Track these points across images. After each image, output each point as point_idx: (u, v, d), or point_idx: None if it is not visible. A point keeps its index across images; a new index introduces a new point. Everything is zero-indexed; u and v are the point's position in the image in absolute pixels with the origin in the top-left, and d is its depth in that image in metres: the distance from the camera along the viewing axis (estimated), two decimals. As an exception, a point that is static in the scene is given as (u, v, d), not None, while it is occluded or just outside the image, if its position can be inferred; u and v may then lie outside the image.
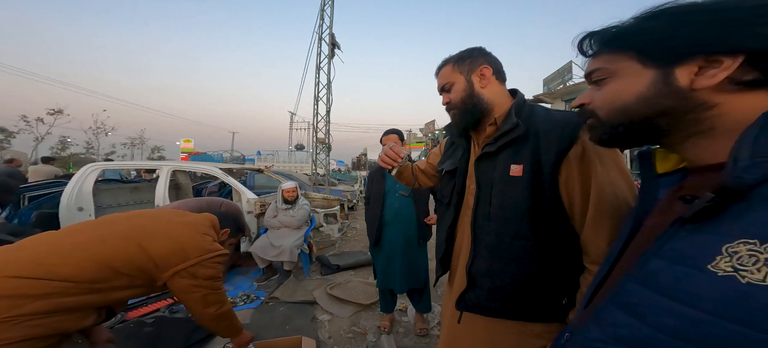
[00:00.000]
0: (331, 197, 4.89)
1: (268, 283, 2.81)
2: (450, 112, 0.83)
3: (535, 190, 0.68)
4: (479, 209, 0.76)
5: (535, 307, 0.72)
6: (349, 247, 4.10)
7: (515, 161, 0.70)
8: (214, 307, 1.17)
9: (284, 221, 3.08)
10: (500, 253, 0.72)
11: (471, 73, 0.78)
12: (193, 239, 1.14)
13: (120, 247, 1.02)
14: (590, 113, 0.46)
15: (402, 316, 2.27)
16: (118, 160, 13.29)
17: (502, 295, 0.73)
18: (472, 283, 0.77)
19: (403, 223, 1.91)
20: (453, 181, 0.87)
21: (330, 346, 1.87)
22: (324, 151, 8.86)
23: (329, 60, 8.56)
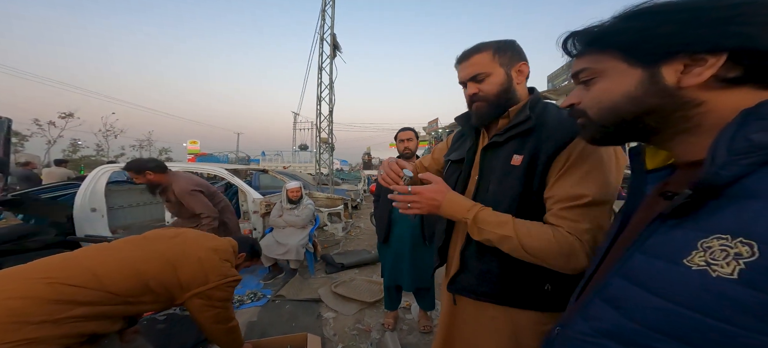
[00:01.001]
0: (334, 197, 4.93)
1: (274, 281, 2.86)
2: (474, 104, 0.78)
3: (528, 178, 0.70)
4: (477, 197, 0.77)
5: (520, 293, 0.74)
6: (353, 245, 4.13)
7: (518, 152, 0.72)
8: (223, 324, 1.31)
9: (289, 221, 3.12)
10: None
11: (511, 67, 0.76)
12: (215, 265, 1.26)
13: (158, 267, 1.15)
14: (581, 113, 0.47)
15: (406, 313, 2.30)
16: (127, 162, 13.47)
17: (490, 278, 0.76)
18: (464, 266, 0.80)
19: (411, 221, 1.93)
20: (458, 171, 0.87)
21: (334, 343, 1.90)
22: (327, 151, 8.91)
23: (331, 60, 8.59)
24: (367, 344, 1.88)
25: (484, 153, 0.79)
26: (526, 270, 0.70)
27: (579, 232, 0.63)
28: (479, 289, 0.78)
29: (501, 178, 0.74)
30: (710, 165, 0.31)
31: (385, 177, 0.88)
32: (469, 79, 0.78)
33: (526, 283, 0.73)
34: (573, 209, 0.64)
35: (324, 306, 2.37)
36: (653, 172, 0.46)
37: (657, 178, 0.45)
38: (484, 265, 0.76)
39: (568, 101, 0.50)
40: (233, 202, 5.34)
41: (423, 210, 0.75)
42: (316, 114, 8.94)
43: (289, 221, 3.12)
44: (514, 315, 0.75)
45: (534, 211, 0.70)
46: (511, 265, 0.72)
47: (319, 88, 8.93)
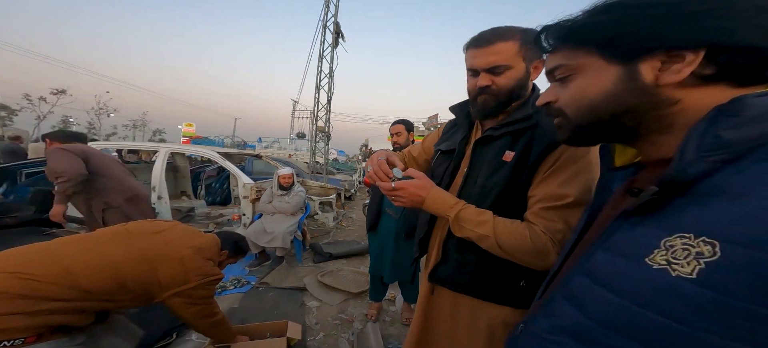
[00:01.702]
0: (328, 186, 4.90)
1: (260, 268, 2.84)
2: (481, 96, 0.72)
3: (516, 175, 0.69)
4: (464, 189, 0.77)
5: (496, 287, 0.74)
6: (344, 235, 4.12)
7: (511, 148, 0.71)
8: (206, 319, 1.30)
9: (279, 207, 3.09)
10: None
11: (531, 63, 0.70)
12: (197, 264, 1.23)
13: (137, 268, 1.12)
14: (558, 111, 0.44)
15: (390, 305, 2.30)
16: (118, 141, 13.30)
17: (468, 271, 0.76)
18: (445, 257, 0.80)
19: (398, 212, 1.91)
20: (448, 162, 0.85)
21: (316, 331, 1.89)
22: (323, 140, 8.84)
23: (333, 49, 8.45)
24: (349, 334, 1.88)
25: (476, 146, 0.77)
26: (502, 265, 0.70)
27: (552, 231, 0.64)
28: (457, 280, 0.78)
29: (490, 172, 0.72)
30: (678, 161, 0.30)
31: (371, 174, 0.83)
32: (486, 69, 0.70)
33: (501, 279, 0.73)
34: (553, 210, 0.64)
35: (308, 295, 2.36)
36: (621, 169, 0.45)
37: (624, 176, 0.43)
38: (463, 257, 0.76)
39: (543, 99, 0.47)
40: (225, 187, 5.33)
41: (406, 204, 0.75)
42: (314, 102, 8.83)
43: (279, 208, 3.09)
44: (490, 309, 0.75)
45: (517, 207, 0.70)
46: (488, 260, 0.71)
47: (318, 76, 8.80)
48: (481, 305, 0.76)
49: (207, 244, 1.32)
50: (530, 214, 0.67)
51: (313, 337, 1.83)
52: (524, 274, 0.70)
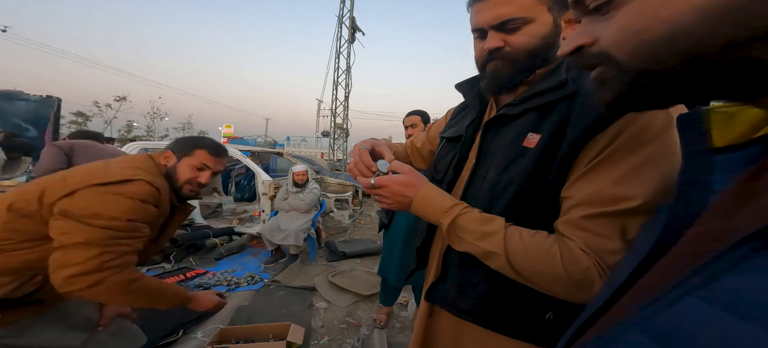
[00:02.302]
0: (346, 183, 4.84)
1: (274, 265, 2.83)
2: (491, 63, 0.55)
3: (541, 166, 0.50)
4: (471, 186, 0.59)
5: (511, 317, 0.55)
6: (360, 234, 4.03)
7: (536, 129, 0.52)
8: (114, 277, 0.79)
9: (293, 204, 3.07)
10: None
11: (562, 15, 0.53)
12: (86, 167, 0.87)
13: (27, 187, 0.83)
14: (598, 57, 0.27)
15: (402, 310, 2.15)
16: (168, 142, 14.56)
17: (474, 293, 0.57)
18: (444, 274, 0.63)
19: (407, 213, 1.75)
20: (453, 151, 0.68)
21: (321, 335, 1.80)
22: (342, 137, 8.87)
23: (349, 44, 8.43)
24: (354, 340, 1.76)
25: (488, 128, 0.58)
26: (522, 290, 0.51)
27: (600, 251, 0.43)
28: (459, 304, 0.60)
29: (506, 163, 0.54)
30: None
31: (352, 167, 0.68)
32: (494, 26, 0.52)
33: (520, 307, 0.54)
34: (602, 218, 0.44)
35: (318, 295, 2.28)
36: (727, 151, 0.25)
37: (736, 164, 0.24)
38: (467, 276, 0.58)
39: (571, 44, 0.29)
40: (252, 184, 5.51)
41: (392, 206, 0.61)
42: (332, 99, 8.90)
43: (293, 205, 3.06)
44: (502, 344, 0.56)
45: (543, 213, 0.51)
46: (501, 280, 0.53)
47: (336, 72, 8.88)
48: (490, 337, 0.58)
49: (123, 157, 0.98)
50: (564, 223, 0.47)
51: (317, 341, 1.74)
52: (553, 304, 0.51)
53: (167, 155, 1.00)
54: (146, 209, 0.87)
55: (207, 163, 1.01)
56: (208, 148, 1.02)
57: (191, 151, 1.00)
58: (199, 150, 1.01)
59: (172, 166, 0.99)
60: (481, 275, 0.56)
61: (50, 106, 5.10)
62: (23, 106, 4.84)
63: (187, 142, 1.02)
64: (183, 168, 0.99)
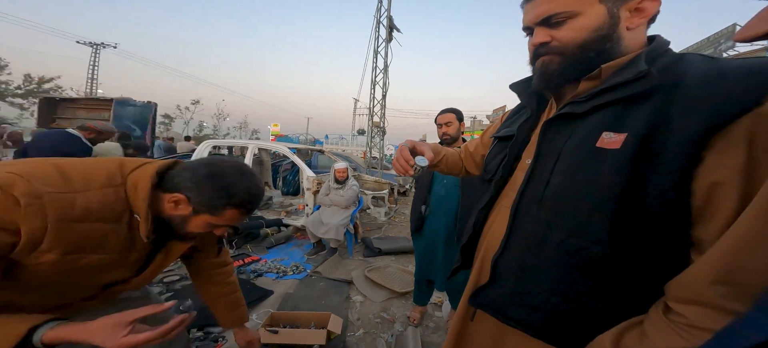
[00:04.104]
0: (382, 180, 4.90)
1: (316, 257, 2.99)
2: (542, 59, 0.53)
3: (637, 172, 0.42)
4: (528, 189, 0.55)
5: (575, 336, 0.50)
6: (395, 232, 4.06)
7: (614, 128, 0.45)
8: None
9: (334, 200, 3.20)
10: (542, 250, 0.51)
11: (622, 4, 0.48)
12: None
13: None
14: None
15: (436, 310, 2.13)
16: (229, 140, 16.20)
17: (529, 303, 0.53)
18: (494, 279, 0.59)
19: (447, 213, 1.70)
20: (504, 151, 0.66)
21: (357, 327, 1.86)
22: (378, 135, 8.95)
23: (386, 44, 8.44)
24: (388, 335, 1.79)
25: (548, 128, 0.54)
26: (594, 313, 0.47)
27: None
28: (510, 312, 0.56)
29: (575, 165, 0.48)
30: None
31: (394, 163, 0.74)
32: (539, 22, 0.52)
33: (587, 329, 0.48)
34: None
35: (354, 288, 2.36)
36: None
37: None
38: (524, 285, 0.54)
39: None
40: (296, 179, 5.87)
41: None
42: (370, 98, 9.01)
43: (334, 200, 3.20)
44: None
45: (646, 231, 0.43)
46: (570, 299, 0.48)
47: (373, 72, 8.96)
48: (535, 345, 0.54)
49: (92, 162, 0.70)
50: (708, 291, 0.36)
51: (353, 333, 1.80)
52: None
53: (178, 200, 0.68)
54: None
55: (233, 225, 0.76)
56: (241, 206, 0.72)
57: (221, 210, 0.70)
58: (231, 210, 0.71)
59: (179, 216, 0.70)
60: (545, 288, 0.51)
61: (149, 110, 6.10)
62: (131, 110, 5.85)
63: (216, 195, 0.69)
64: (196, 223, 0.71)
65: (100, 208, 0.63)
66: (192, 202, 0.68)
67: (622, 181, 0.43)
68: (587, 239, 0.46)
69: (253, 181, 0.75)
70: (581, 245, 0.47)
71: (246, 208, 0.74)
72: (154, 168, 0.69)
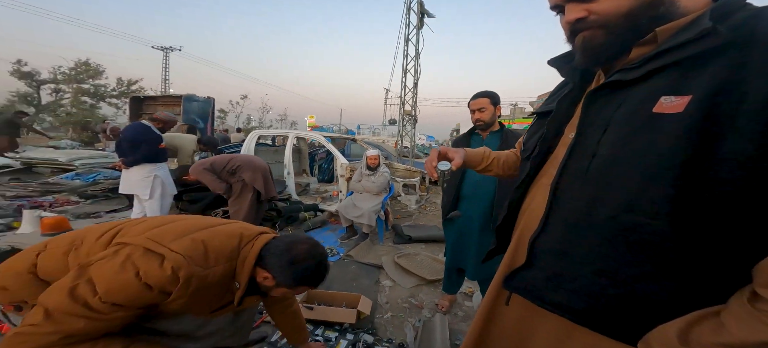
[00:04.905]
0: (413, 169, 4.85)
1: (348, 241, 3.10)
2: (583, 34, 0.49)
3: (705, 138, 0.37)
4: (571, 163, 0.51)
5: (625, 325, 0.45)
6: (425, 220, 4.02)
7: (674, 91, 0.40)
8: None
9: (366, 186, 3.26)
10: (587, 228, 0.47)
11: None
12: (185, 223, 0.85)
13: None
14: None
15: (466, 300, 2.09)
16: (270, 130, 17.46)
17: (571, 287, 0.49)
18: (532, 261, 0.55)
19: (483, 199, 1.61)
20: (542, 128, 0.62)
21: (385, 310, 1.91)
22: (410, 124, 8.80)
23: (417, 30, 8.13)
24: (416, 320, 1.81)
25: (593, 98, 0.50)
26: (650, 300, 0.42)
27: None
28: (548, 295, 0.52)
29: (627, 134, 0.43)
30: None
31: (425, 164, 0.82)
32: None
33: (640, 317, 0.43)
34: None
35: (384, 273, 2.41)
36: None
37: None
38: (564, 266, 0.50)
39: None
40: (331, 167, 6.10)
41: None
42: (401, 86, 8.83)
43: (366, 187, 3.26)
44: (598, 343, 0.48)
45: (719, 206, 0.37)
46: (620, 281, 0.44)
47: (405, 59, 8.72)
48: (582, 334, 0.49)
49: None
50: None
51: (381, 315, 1.85)
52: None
53: (266, 277, 0.85)
54: (144, 295, 0.68)
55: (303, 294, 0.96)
56: (312, 285, 0.91)
57: (295, 286, 0.87)
58: (302, 287, 0.90)
59: (266, 286, 0.88)
60: (588, 271, 0.47)
61: (209, 104, 6.92)
62: (195, 105, 6.72)
63: (294, 278, 0.84)
64: (278, 291, 0.90)
65: (219, 281, 0.81)
66: (276, 280, 0.86)
67: (685, 148, 0.38)
68: (642, 214, 0.41)
69: (324, 261, 0.92)
70: (635, 221, 0.42)
71: (315, 282, 0.91)
72: (259, 248, 0.87)
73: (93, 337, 0.66)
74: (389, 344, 1.53)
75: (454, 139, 9.06)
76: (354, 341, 1.48)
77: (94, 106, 16.68)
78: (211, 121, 6.96)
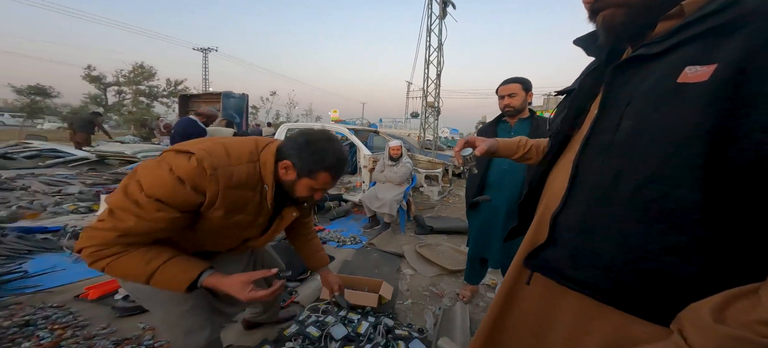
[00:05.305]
0: (435, 160, 4.79)
1: (371, 230, 3.16)
2: (602, 14, 0.49)
3: (733, 106, 0.36)
4: (593, 138, 0.50)
5: (653, 302, 0.43)
6: (448, 212, 3.98)
7: (699, 61, 0.39)
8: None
9: (388, 176, 3.29)
10: (611, 202, 0.46)
11: None
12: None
13: None
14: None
15: (488, 291, 2.06)
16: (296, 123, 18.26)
17: (595, 263, 0.48)
18: (553, 238, 0.54)
19: (509, 188, 1.56)
20: (565, 104, 0.63)
21: (406, 297, 1.94)
22: (433, 115, 8.61)
23: (440, 20, 7.85)
24: (436, 308, 1.82)
25: (618, 73, 0.48)
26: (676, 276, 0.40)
27: None
28: (570, 273, 0.51)
29: (652, 105, 0.42)
30: None
31: (454, 151, 0.85)
32: None
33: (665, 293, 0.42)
34: None
35: (405, 262, 2.44)
36: None
37: None
38: (586, 242, 0.49)
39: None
40: (353, 160, 6.22)
41: None
42: (424, 78, 8.62)
43: (388, 177, 3.29)
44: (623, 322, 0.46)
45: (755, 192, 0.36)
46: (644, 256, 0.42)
47: (427, 50, 8.49)
48: (600, 310, 0.48)
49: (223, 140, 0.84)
50: None
51: (402, 302, 1.88)
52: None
53: (287, 166, 0.84)
54: (179, 191, 0.71)
55: (326, 187, 0.88)
56: (331, 170, 0.85)
57: (315, 174, 0.84)
58: (322, 173, 0.84)
59: (290, 181, 0.86)
60: (611, 245, 0.46)
61: (244, 100, 7.44)
62: (233, 101, 7.29)
63: (312, 160, 0.83)
64: (301, 187, 0.86)
65: (246, 179, 0.82)
66: (296, 167, 0.84)
67: (710, 117, 0.37)
68: (668, 185, 0.40)
69: (339, 147, 0.88)
70: (661, 192, 0.41)
71: (336, 172, 0.87)
72: (276, 146, 0.88)
73: (144, 242, 0.73)
74: (409, 328, 1.56)
75: (479, 130, 8.79)
76: (375, 324, 1.53)
77: (149, 105, 18.49)
78: (245, 116, 7.46)
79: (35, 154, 5.25)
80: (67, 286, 1.73)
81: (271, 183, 0.85)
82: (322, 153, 0.84)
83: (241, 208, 0.83)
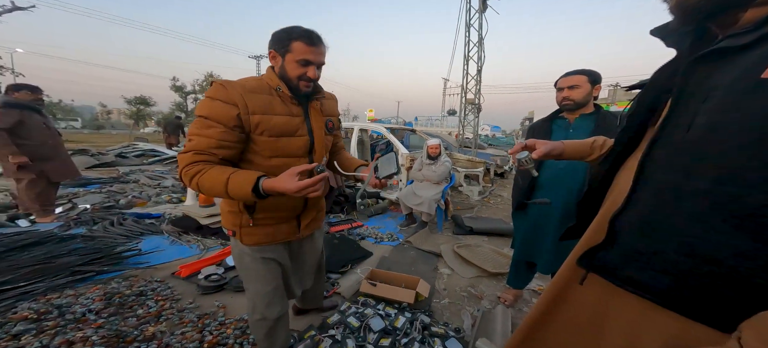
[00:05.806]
0: (476, 160, 4.61)
1: (408, 228, 3.18)
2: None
3: None
4: (663, 135, 0.47)
5: (717, 308, 0.40)
6: (489, 213, 3.80)
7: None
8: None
9: (426, 175, 3.28)
10: (678, 202, 0.43)
11: None
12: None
13: None
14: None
15: (535, 297, 1.93)
16: (334, 125, 19.02)
17: (655, 265, 0.45)
18: (612, 239, 0.52)
19: (565, 189, 1.42)
20: (636, 100, 0.59)
21: (443, 296, 1.92)
22: (473, 113, 8.22)
23: (480, 14, 7.42)
24: (474, 309, 1.77)
25: (695, 66, 0.45)
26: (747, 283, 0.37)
27: None
28: (627, 274, 0.49)
29: (732, 101, 0.39)
30: None
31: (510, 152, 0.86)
32: None
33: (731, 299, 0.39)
34: None
35: (442, 261, 2.40)
36: None
37: None
38: (652, 244, 0.46)
39: None
40: (396, 161, 6.26)
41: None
42: (463, 74, 8.24)
43: (426, 175, 3.27)
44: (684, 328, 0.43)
45: None
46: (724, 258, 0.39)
47: (466, 46, 8.10)
48: (658, 313, 0.45)
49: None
50: None
51: (439, 301, 1.87)
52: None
53: (273, 55, 0.96)
54: (213, 106, 0.89)
55: (308, 58, 0.93)
56: (301, 38, 0.92)
57: (288, 45, 0.93)
58: (294, 42, 0.92)
59: (281, 67, 0.96)
60: (675, 244, 0.43)
61: None
62: None
63: (281, 37, 0.94)
64: (289, 66, 0.95)
65: (257, 86, 0.95)
66: (277, 50, 0.95)
67: None
68: (742, 186, 0.37)
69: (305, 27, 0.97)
70: (736, 194, 0.38)
71: (306, 38, 0.92)
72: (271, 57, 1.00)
73: (214, 161, 0.90)
74: (446, 327, 1.55)
75: (525, 127, 8.18)
76: (411, 320, 1.55)
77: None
78: None
79: (141, 153, 6.62)
80: (167, 264, 2.11)
81: (276, 81, 0.97)
82: (289, 28, 0.94)
83: (270, 108, 0.95)
